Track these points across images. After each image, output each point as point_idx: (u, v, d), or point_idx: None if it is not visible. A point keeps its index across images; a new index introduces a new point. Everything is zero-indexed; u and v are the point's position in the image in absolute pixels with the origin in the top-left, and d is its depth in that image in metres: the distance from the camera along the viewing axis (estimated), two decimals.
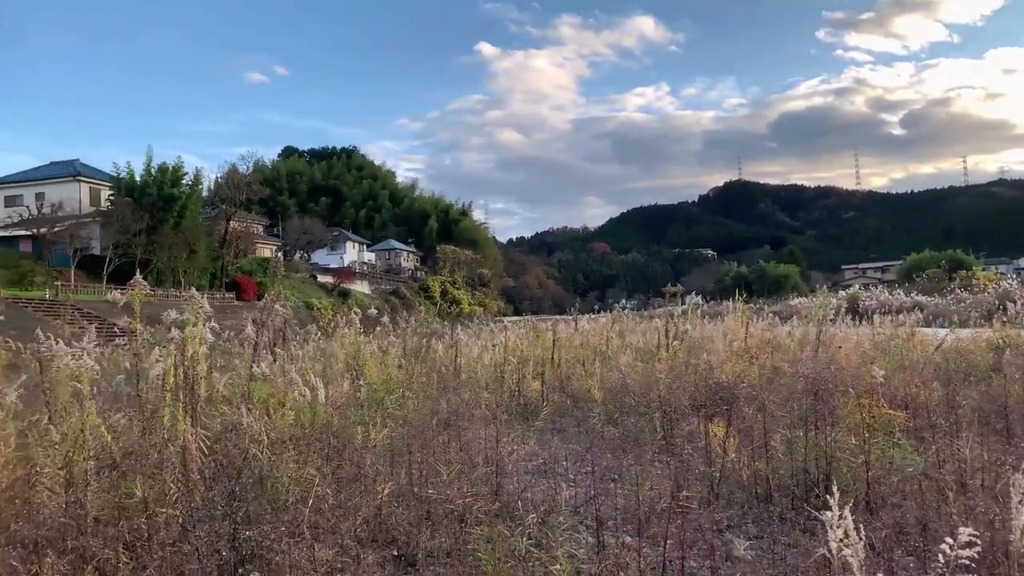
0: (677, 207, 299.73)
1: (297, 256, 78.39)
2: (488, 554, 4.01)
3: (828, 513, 2.11)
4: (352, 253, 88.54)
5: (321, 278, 70.64)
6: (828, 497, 4.82)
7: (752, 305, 18.53)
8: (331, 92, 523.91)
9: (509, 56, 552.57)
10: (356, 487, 4.94)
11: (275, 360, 7.83)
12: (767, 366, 9.47)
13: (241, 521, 3.80)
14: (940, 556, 2.50)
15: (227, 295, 51.85)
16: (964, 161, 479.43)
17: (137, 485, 4.23)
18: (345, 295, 65.80)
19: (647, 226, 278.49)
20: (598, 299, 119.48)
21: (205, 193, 59.68)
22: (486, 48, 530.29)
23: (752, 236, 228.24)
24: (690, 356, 10.37)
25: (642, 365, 10.45)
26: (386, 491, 4.73)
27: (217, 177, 66.82)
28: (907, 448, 5.84)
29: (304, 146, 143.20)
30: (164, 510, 4.11)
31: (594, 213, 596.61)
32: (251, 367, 6.84)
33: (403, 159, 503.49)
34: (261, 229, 73.05)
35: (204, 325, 5.82)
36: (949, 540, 2.51)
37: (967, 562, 2.48)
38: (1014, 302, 17.04)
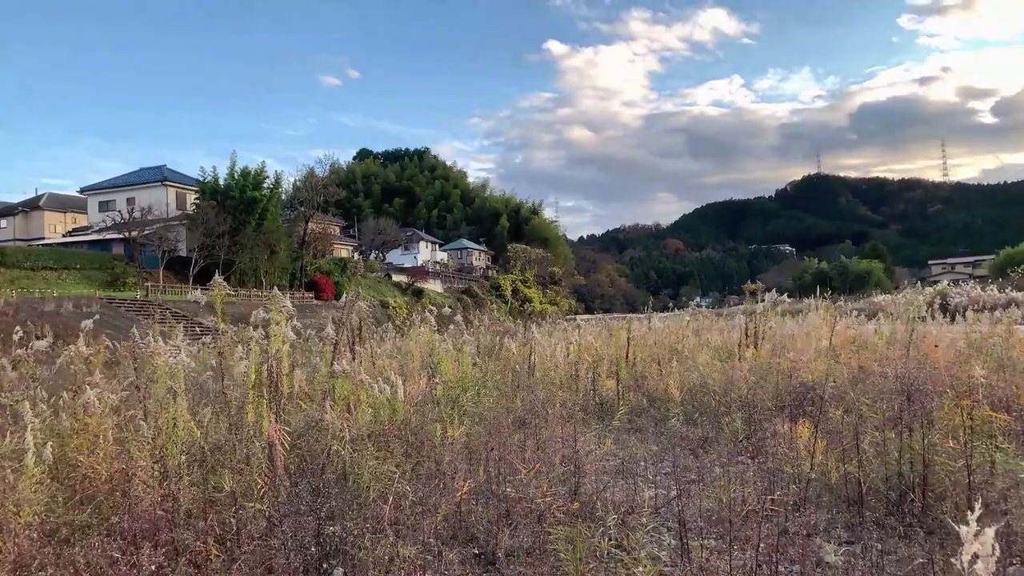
0: (753, 202, 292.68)
1: (373, 256, 79.90)
2: (569, 554, 3.96)
3: (964, 528, 1.98)
4: (425, 253, 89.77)
5: (396, 277, 71.87)
6: (923, 502, 4.63)
7: (834, 302, 17.86)
8: (402, 94, 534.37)
9: (578, 53, 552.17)
10: (435, 484, 4.95)
11: (354, 358, 7.95)
12: (853, 365, 9.11)
13: (325, 517, 3.86)
14: None
15: (306, 295, 53.21)
16: None
17: (225, 479, 4.35)
18: (419, 294, 66.73)
19: (722, 222, 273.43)
20: (671, 297, 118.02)
21: (284, 196, 61.41)
22: (555, 46, 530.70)
23: (833, 231, 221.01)
24: (772, 355, 10.07)
25: (721, 364, 10.20)
26: (465, 489, 4.73)
27: (295, 180, 68.81)
28: (1011, 452, 5.50)
29: (377, 147, 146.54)
30: (251, 504, 4.21)
31: (666, 209, 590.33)
32: (332, 365, 6.95)
33: (473, 159, 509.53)
34: (338, 230, 74.83)
35: (286, 324, 5.95)
36: None
37: None
38: None
